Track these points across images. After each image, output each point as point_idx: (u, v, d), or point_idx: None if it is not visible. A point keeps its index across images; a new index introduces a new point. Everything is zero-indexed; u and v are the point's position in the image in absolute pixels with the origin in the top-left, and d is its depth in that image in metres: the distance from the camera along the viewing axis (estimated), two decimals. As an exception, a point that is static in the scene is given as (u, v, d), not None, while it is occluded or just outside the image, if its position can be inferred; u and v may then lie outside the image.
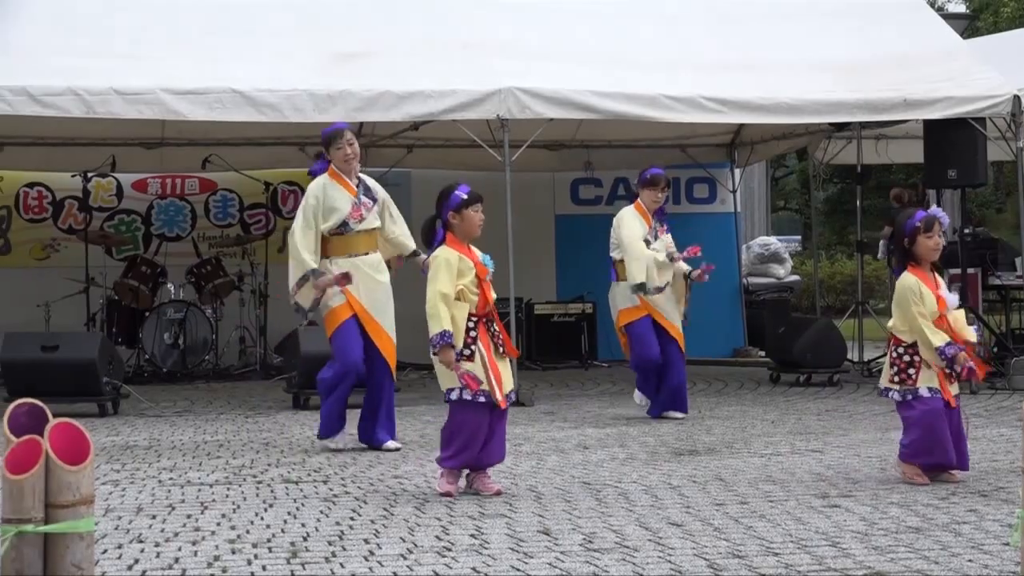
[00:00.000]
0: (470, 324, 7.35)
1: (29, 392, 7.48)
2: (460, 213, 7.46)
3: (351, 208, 9.44)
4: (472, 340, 7.34)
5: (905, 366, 7.64)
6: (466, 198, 7.48)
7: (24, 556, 3.64)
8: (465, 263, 7.39)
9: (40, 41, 12.73)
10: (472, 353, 7.32)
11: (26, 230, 17.73)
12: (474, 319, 7.36)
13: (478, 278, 7.41)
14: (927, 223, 7.67)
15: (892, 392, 7.71)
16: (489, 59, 13.11)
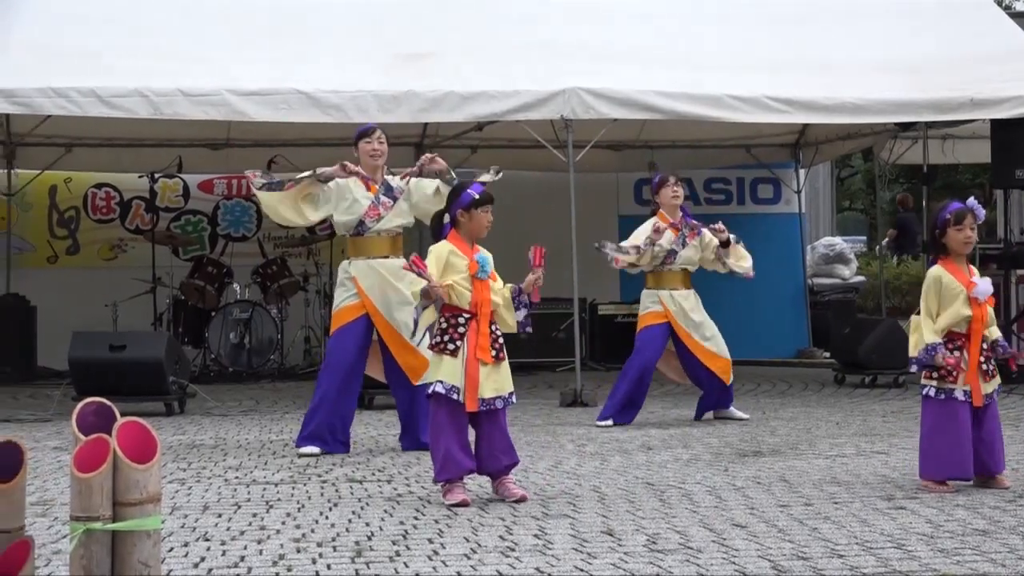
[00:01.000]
0: (460, 320, 7.30)
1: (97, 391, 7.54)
2: (469, 212, 7.41)
3: (368, 206, 9.43)
4: (459, 336, 7.28)
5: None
6: (477, 198, 7.43)
7: (92, 553, 3.68)
8: (458, 258, 7.35)
9: (108, 43, 12.83)
10: (456, 349, 7.28)
11: (94, 230, 17.90)
12: (465, 316, 7.33)
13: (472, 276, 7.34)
14: (957, 216, 7.52)
15: (929, 388, 7.56)
16: (553, 59, 13.11)
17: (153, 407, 12.09)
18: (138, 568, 3.72)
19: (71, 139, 16.62)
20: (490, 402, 7.28)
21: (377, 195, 9.43)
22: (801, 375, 16.06)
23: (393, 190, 9.49)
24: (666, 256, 11.11)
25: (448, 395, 7.21)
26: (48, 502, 7.41)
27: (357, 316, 9.35)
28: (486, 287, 7.32)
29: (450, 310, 7.31)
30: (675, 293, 11.16)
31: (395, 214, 9.47)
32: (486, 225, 7.44)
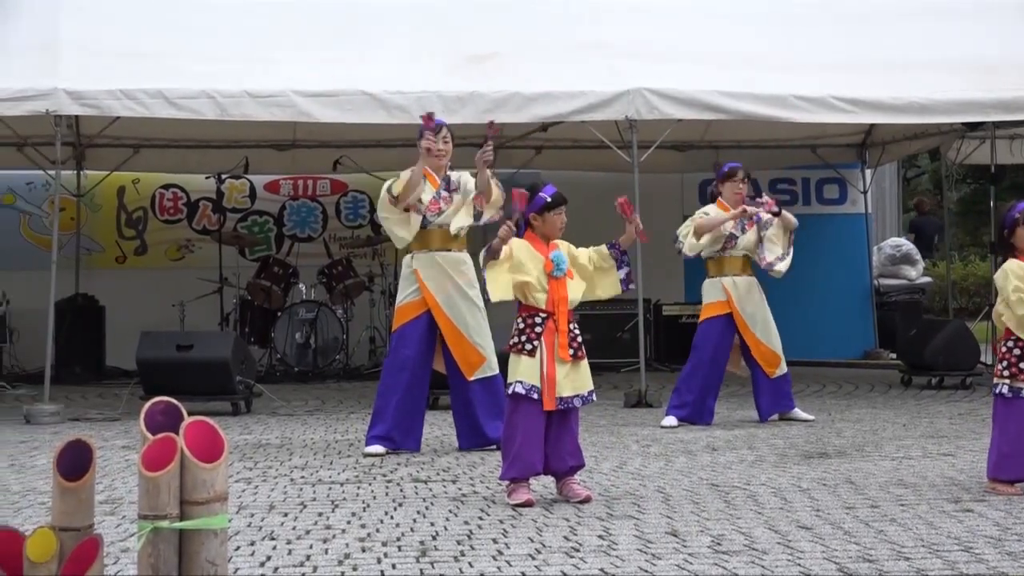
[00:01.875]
0: (537, 320, 7.30)
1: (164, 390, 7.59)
2: (542, 215, 7.41)
3: (430, 200, 9.45)
4: (536, 336, 7.28)
5: (1016, 360, 7.44)
6: (550, 201, 7.41)
7: (160, 552, 3.71)
8: (532, 254, 7.34)
9: (175, 46, 12.93)
10: (534, 349, 7.28)
11: (162, 231, 18.05)
12: (542, 315, 7.32)
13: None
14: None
15: (1001, 386, 7.48)
16: (618, 60, 13.09)
17: (220, 407, 12.17)
18: (205, 567, 3.75)
19: (139, 140, 16.75)
20: (568, 400, 7.28)
21: (439, 190, 9.44)
22: (867, 376, 15.96)
23: (451, 183, 9.52)
24: (726, 240, 11.11)
25: (528, 395, 7.21)
26: (116, 500, 7.47)
27: (419, 313, 9.37)
28: (563, 285, 7.31)
29: (527, 310, 7.31)
30: (737, 279, 11.15)
31: (455, 208, 9.48)
32: (559, 227, 7.44)
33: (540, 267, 7.29)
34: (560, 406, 7.26)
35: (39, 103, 11.92)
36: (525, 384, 7.22)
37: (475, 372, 9.35)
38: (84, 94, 12.02)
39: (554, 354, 7.24)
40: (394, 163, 16.71)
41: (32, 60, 12.32)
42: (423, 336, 9.40)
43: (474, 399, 9.37)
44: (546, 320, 7.27)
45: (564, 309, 7.29)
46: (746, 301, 11.12)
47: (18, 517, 6.99)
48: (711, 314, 11.19)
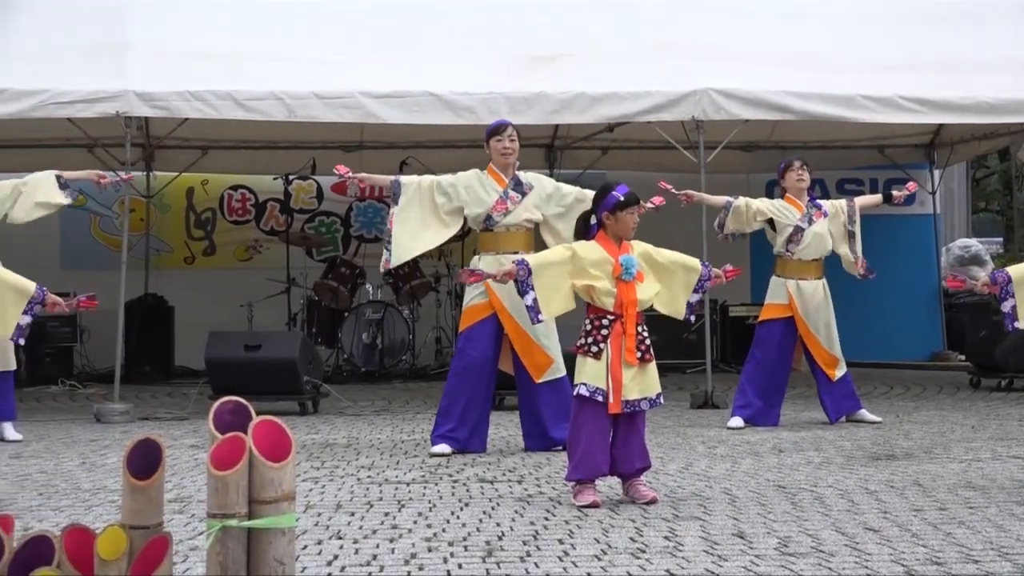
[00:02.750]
0: (604, 322, 7.28)
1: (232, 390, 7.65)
2: (615, 215, 7.39)
3: (496, 200, 9.45)
4: (603, 339, 7.26)
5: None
6: (623, 199, 7.38)
7: (228, 550, 3.73)
8: (601, 256, 7.34)
9: (243, 47, 13.01)
10: (599, 351, 7.27)
11: (230, 231, 18.18)
12: (609, 318, 7.31)
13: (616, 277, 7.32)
14: None
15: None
16: (684, 60, 13.07)
17: (287, 406, 12.24)
18: (273, 565, 3.77)
19: (208, 142, 16.87)
20: (635, 403, 7.26)
21: (506, 189, 9.45)
22: (935, 378, 15.85)
23: (523, 185, 9.51)
24: (792, 233, 11.02)
25: (592, 397, 7.21)
26: (185, 499, 7.53)
27: (486, 315, 9.38)
28: (632, 288, 7.28)
29: (595, 311, 7.29)
30: (803, 283, 11.08)
31: (523, 209, 9.48)
32: (632, 226, 7.40)
33: (609, 270, 7.28)
34: (626, 409, 7.25)
35: (109, 105, 12.03)
36: (590, 387, 7.22)
37: (543, 374, 9.35)
38: (154, 96, 12.13)
39: (620, 357, 7.22)
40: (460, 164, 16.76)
41: (102, 62, 12.43)
42: (489, 338, 9.41)
43: (541, 401, 9.37)
44: (613, 323, 7.25)
45: (632, 312, 7.26)
46: (810, 305, 11.05)
47: (89, 515, 7.05)
48: (772, 316, 11.12)
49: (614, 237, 7.38)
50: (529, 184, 9.54)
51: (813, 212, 11.10)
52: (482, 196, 9.48)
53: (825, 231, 11.11)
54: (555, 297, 7.42)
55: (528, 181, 9.56)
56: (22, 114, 12.10)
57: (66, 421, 12.05)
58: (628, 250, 7.36)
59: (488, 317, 9.38)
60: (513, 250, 9.38)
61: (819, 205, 11.17)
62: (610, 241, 7.36)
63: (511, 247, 9.42)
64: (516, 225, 9.46)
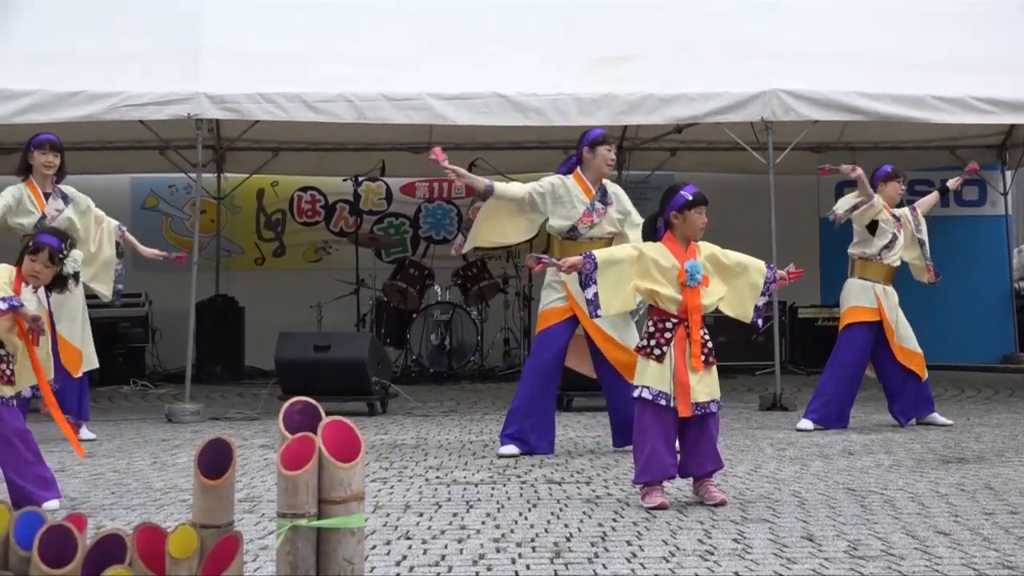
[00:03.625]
0: (667, 326, 7.25)
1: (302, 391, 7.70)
2: (682, 214, 7.36)
3: (583, 212, 9.45)
4: (666, 342, 7.23)
5: None
6: (690, 199, 7.36)
7: (298, 550, 3.76)
8: (667, 261, 7.31)
9: (313, 49, 13.08)
10: (662, 354, 7.24)
11: (300, 233, 18.27)
12: (673, 321, 7.28)
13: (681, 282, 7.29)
14: None
15: None
16: (753, 60, 13.01)
17: (356, 407, 12.30)
18: (342, 565, 3.79)
19: (278, 143, 16.98)
20: (704, 406, 7.23)
21: (593, 201, 9.45)
22: (1007, 380, 15.71)
23: (607, 195, 9.50)
24: (888, 241, 10.98)
25: (655, 401, 7.20)
26: (255, 499, 7.58)
27: (564, 318, 9.38)
28: (696, 294, 7.24)
29: (659, 314, 7.28)
30: (887, 288, 11.04)
31: (607, 221, 9.48)
32: (700, 227, 7.37)
33: (675, 275, 7.25)
34: (697, 411, 7.23)
35: (181, 107, 12.12)
36: (652, 390, 7.20)
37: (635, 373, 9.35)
38: (225, 98, 12.21)
39: (686, 361, 7.20)
40: (528, 165, 16.82)
41: (174, 65, 12.53)
42: (564, 341, 9.41)
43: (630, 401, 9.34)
44: (677, 326, 7.24)
45: (697, 318, 7.24)
46: (892, 310, 11.01)
47: (160, 514, 7.12)
48: (859, 319, 11.00)
49: (682, 238, 7.36)
50: (613, 195, 9.53)
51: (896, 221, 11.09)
52: (569, 207, 9.46)
53: (904, 240, 11.08)
54: (616, 295, 7.42)
55: (612, 192, 9.54)
56: (95, 116, 12.21)
57: (138, 421, 12.16)
58: (695, 253, 7.33)
59: (565, 320, 9.37)
60: None
61: (896, 214, 11.12)
62: (677, 243, 7.34)
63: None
64: (599, 237, 9.45)
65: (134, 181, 18.04)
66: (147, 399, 14.48)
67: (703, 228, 7.39)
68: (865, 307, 10.98)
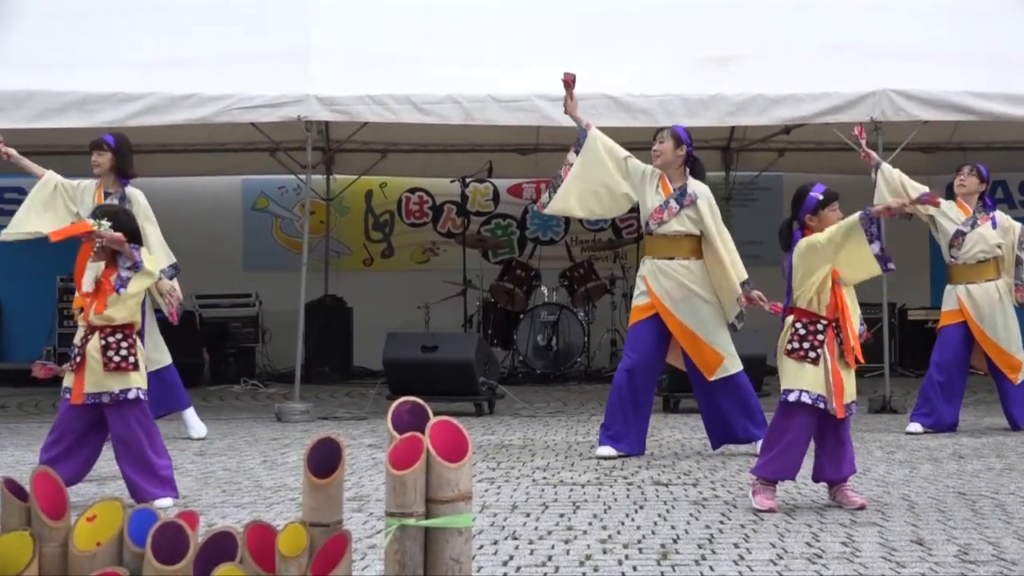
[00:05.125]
0: (819, 327, 7.18)
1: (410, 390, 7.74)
2: (817, 215, 7.30)
3: (656, 207, 9.43)
4: (819, 344, 7.16)
5: None
6: (822, 199, 7.30)
7: (406, 549, 3.79)
8: None
9: (421, 51, 13.13)
10: (817, 357, 7.18)
11: (408, 234, 18.37)
12: (823, 322, 7.21)
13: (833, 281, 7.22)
14: None
15: None
16: (862, 60, 12.89)
17: (463, 407, 12.34)
18: (450, 564, 3.81)
19: (386, 145, 17.08)
20: (850, 407, 7.21)
21: (668, 199, 9.42)
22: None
23: (686, 196, 9.45)
24: (953, 237, 10.87)
25: (815, 404, 7.12)
26: (364, 498, 7.64)
27: (647, 316, 9.38)
28: (844, 292, 7.21)
29: (806, 316, 7.18)
30: (972, 287, 10.91)
31: (676, 221, 9.43)
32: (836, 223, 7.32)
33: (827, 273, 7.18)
34: (847, 413, 7.19)
35: (291, 109, 12.23)
36: (811, 394, 7.10)
37: (715, 372, 9.30)
38: (334, 100, 12.31)
39: (837, 362, 7.14)
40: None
41: (285, 67, 12.64)
42: (651, 339, 9.38)
43: (718, 398, 9.32)
44: (827, 327, 7.17)
45: (848, 315, 7.18)
46: (984, 309, 10.86)
47: (270, 512, 7.19)
48: (946, 322, 11.00)
49: None
50: (694, 195, 9.46)
51: (979, 216, 10.93)
52: (647, 198, 9.48)
53: (991, 235, 10.91)
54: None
55: (695, 193, 9.48)
56: (208, 119, 12.35)
57: (248, 420, 12.29)
58: None
59: (648, 318, 9.37)
60: (670, 256, 9.38)
61: (989, 210, 10.97)
62: None
63: (665, 253, 9.40)
64: (670, 234, 9.42)
65: (245, 183, 18.25)
66: (257, 398, 14.63)
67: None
68: (949, 310, 11.00)
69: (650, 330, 9.37)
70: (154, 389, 10.42)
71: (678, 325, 9.28)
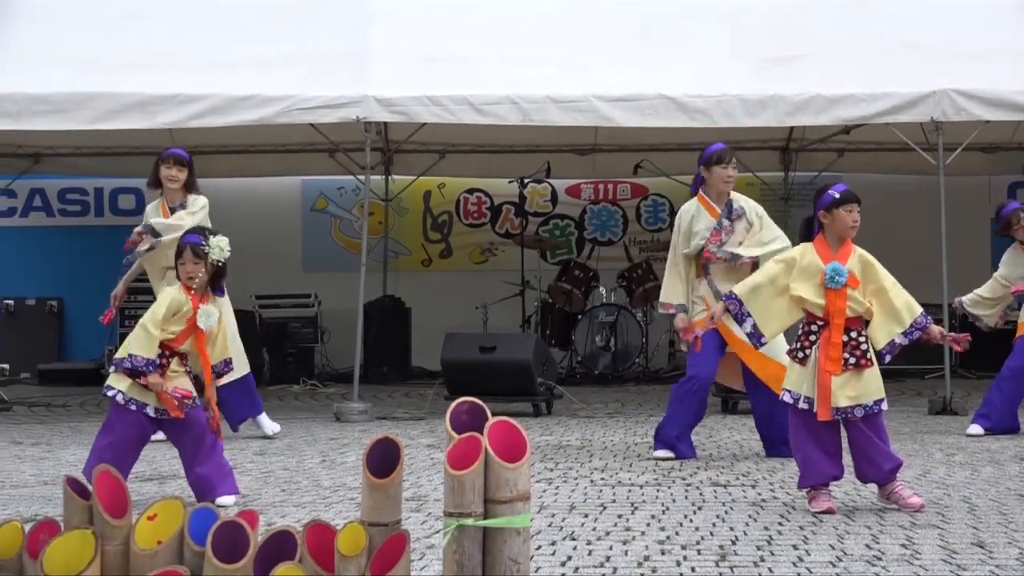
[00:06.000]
0: (813, 328, 7.17)
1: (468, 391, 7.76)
2: (831, 212, 7.26)
3: (711, 234, 9.41)
4: (810, 344, 7.15)
5: None
6: (838, 197, 7.26)
7: (464, 549, 3.80)
8: (809, 263, 7.23)
9: (480, 51, 13.15)
10: (805, 357, 7.17)
11: (466, 234, 18.40)
12: (819, 323, 7.17)
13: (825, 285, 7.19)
14: None
15: None
16: (922, 60, 12.81)
17: (521, 407, 12.35)
18: (508, 565, 3.82)
19: (444, 146, 17.10)
20: (845, 411, 7.14)
21: (719, 220, 9.41)
22: None
23: (733, 211, 9.43)
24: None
25: (796, 404, 7.17)
26: (422, 498, 7.66)
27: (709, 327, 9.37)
28: (841, 296, 7.12)
29: (809, 317, 7.23)
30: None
31: (736, 237, 9.41)
32: (851, 224, 7.25)
33: (817, 279, 7.18)
34: (837, 416, 7.14)
35: (350, 110, 12.27)
36: (793, 393, 7.19)
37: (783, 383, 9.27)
38: (393, 101, 12.34)
39: (830, 364, 7.11)
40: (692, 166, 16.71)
41: (344, 68, 12.69)
42: (711, 352, 9.35)
43: (776, 410, 9.29)
44: (823, 328, 7.16)
45: (839, 321, 7.12)
46: None
47: (329, 511, 7.23)
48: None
49: (832, 238, 7.27)
50: (740, 209, 9.45)
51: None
52: (695, 229, 9.46)
53: None
54: (773, 316, 7.36)
55: (740, 206, 9.47)
56: (267, 120, 12.42)
57: (307, 420, 12.34)
58: (846, 254, 7.23)
59: (708, 334, 9.34)
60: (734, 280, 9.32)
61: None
62: (827, 244, 7.26)
63: (732, 278, 9.33)
64: (731, 257, 9.40)
65: (304, 184, 18.33)
66: (316, 398, 14.69)
67: (854, 227, 7.26)
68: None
69: (710, 343, 9.30)
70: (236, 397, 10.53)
71: (738, 341, 9.19)
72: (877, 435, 7.22)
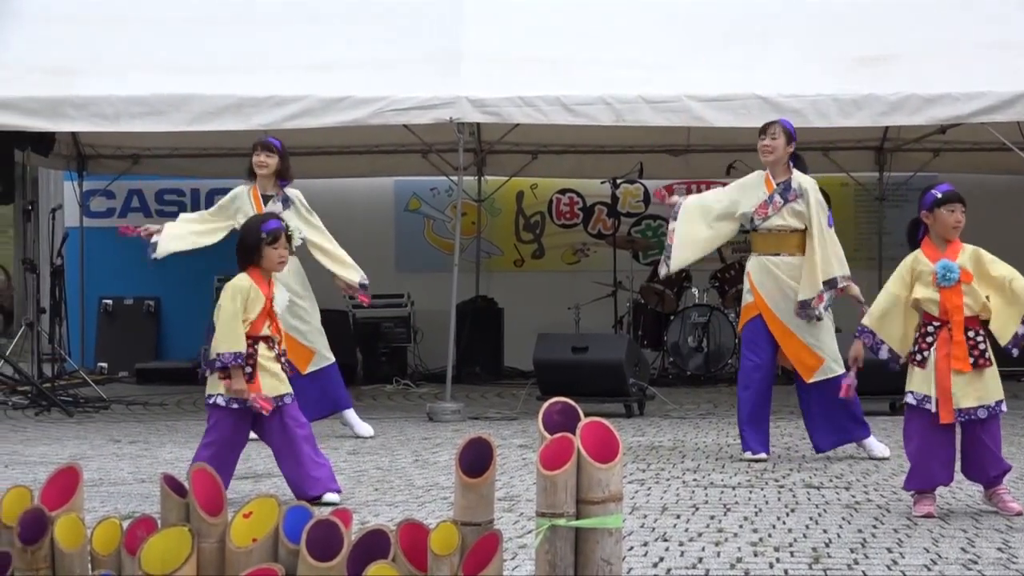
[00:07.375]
0: (929, 329, 7.09)
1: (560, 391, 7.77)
2: (932, 213, 7.19)
3: (758, 204, 9.36)
4: (927, 346, 7.07)
5: None
6: (940, 197, 7.19)
7: (557, 549, 3.81)
8: (922, 267, 7.16)
9: (572, 51, 13.15)
10: (924, 359, 7.10)
11: (558, 235, 18.41)
12: (934, 324, 7.09)
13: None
14: None
15: None
16: (1019, 59, 12.66)
17: (613, 408, 12.34)
18: (600, 565, 3.82)
19: (537, 146, 17.12)
20: (969, 412, 7.04)
21: (772, 194, 9.37)
22: None
23: (790, 191, 9.37)
24: None
25: (920, 405, 7.07)
26: (514, 498, 7.68)
27: (753, 315, 9.36)
28: (956, 293, 7.05)
29: (926, 318, 7.12)
30: None
31: (779, 217, 9.37)
32: (953, 225, 7.18)
33: (930, 280, 7.11)
34: (960, 418, 7.06)
35: (443, 111, 12.32)
36: (917, 395, 7.08)
37: (813, 375, 9.22)
38: (486, 102, 12.37)
39: (948, 364, 7.04)
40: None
41: (437, 69, 12.74)
42: (762, 338, 9.32)
43: (811, 401, 9.25)
44: (939, 329, 7.09)
45: (959, 318, 7.05)
46: None
47: (422, 511, 7.26)
48: None
49: (937, 239, 7.21)
50: (799, 189, 9.38)
51: None
52: (752, 197, 9.44)
53: None
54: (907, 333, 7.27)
55: (800, 187, 9.40)
56: (361, 121, 12.49)
57: (400, 419, 12.40)
58: (955, 252, 7.17)
59: (754, 318, 9.34)
60: (775, 252, 9.34)
61: None
62: (933, 246, 7.20)
63: (773, 249, 9.36)
64: (776, 228, 9.36)
65: (397, 184, 18.41)
66: (409, 398, 14.76)
67: (957, 227, 7.19)
68: None
69: (758, 330, 9.32)
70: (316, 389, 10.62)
71: (778, 325, 9.24)
72: (992, 439, 7.10)
